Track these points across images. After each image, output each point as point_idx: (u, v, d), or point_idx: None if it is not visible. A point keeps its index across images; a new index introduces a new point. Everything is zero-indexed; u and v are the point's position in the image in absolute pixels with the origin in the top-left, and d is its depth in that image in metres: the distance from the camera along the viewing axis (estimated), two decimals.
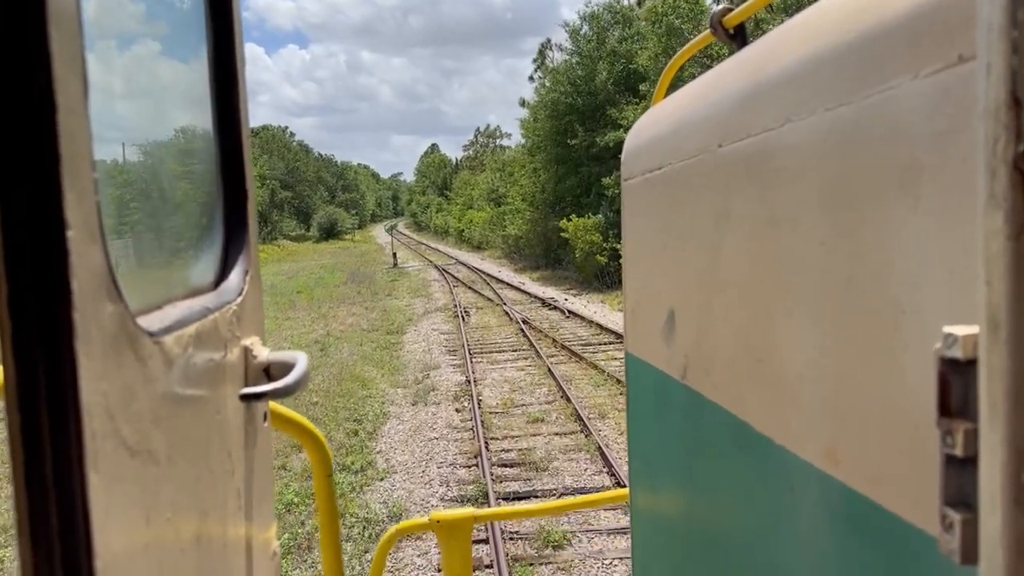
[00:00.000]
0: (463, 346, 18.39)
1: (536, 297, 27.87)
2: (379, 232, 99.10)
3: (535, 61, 57.41)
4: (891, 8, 0.95)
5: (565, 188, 37.53)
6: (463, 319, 22.96)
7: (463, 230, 71.83)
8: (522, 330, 20.16)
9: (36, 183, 0.67)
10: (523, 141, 48.08)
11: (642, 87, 29.69)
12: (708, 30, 1.90)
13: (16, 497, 0.68)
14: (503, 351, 17.83)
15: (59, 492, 0.69)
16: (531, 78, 57.12)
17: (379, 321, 24.01)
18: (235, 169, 1.32)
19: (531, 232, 41.68)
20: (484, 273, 39.75)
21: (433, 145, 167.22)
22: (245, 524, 1.25)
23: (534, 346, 17.71)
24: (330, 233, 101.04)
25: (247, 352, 1.28)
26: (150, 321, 0.90)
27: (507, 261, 48.31)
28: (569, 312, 22.98)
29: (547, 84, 40.65)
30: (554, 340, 18.32)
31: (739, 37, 1.85)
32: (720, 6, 1.90)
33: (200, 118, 1.29)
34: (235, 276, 1.29)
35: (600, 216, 31.63)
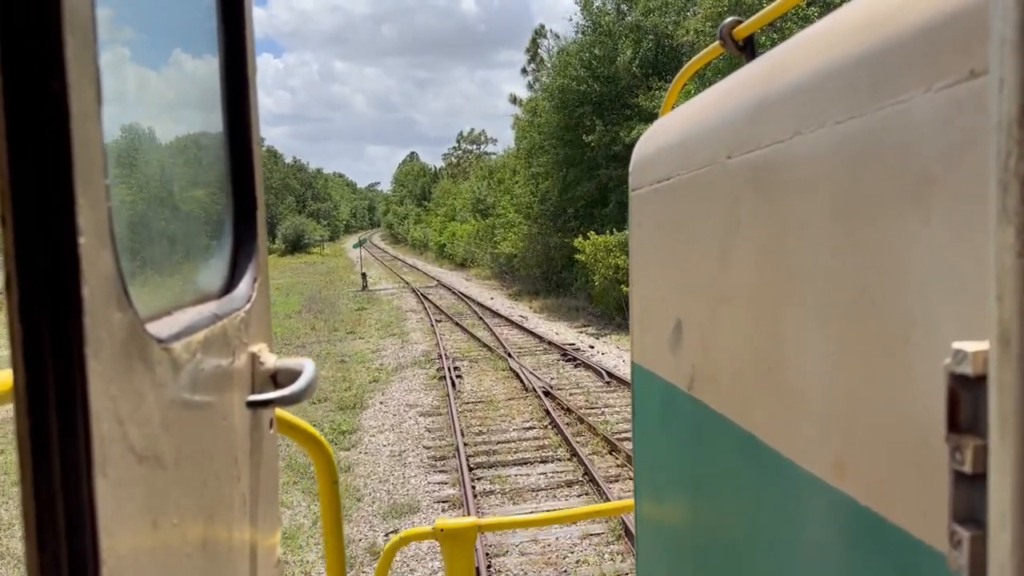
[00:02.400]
0: (457, 451, 11.22)
1: (549, 342, 20.63)
2: (351, 244, 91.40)
3: (528, 51, 50.27)
4: (903, 22, 0.96)
5: (574, 196, 30.46)
6: (452, 383, 15.77)
7: (444, 244, 64.72)
8: (547, 412, 13.02)
9: (49, 189, 0.67)
10: (514, 144, 40.82)
11: None
12: (717, 42, 1.95)
13: (24, 501, 0.69)
14: (526, 463, 10.79)
15: (67, 496, 0.70)
16: (524, 70, 49.99)
17: (331, 383, 16.77)
18: (245, 177, 1.35)
19: (528, 250, 34.63)
20: (473, 301, 32.52)
21: (412, 153, 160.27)
22: (250, 530, 1.27)
23: (577, 454, 10.63)
24: (296, 246, 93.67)
25: (254, 359, 1.31)
26: (159, 327, 0.91)
27: (498, 283, 41.37)
28: (609, 376, 15.78)
29: (554, 67, 33.19)
30: (607, 439, 11.22)
31: (748, 49, 1.88)
32: (730, 18, 1.92)
33: (211, 126, 1.32)
34: (244, 283, 1.32)
35: (627, 232, 24.43)
